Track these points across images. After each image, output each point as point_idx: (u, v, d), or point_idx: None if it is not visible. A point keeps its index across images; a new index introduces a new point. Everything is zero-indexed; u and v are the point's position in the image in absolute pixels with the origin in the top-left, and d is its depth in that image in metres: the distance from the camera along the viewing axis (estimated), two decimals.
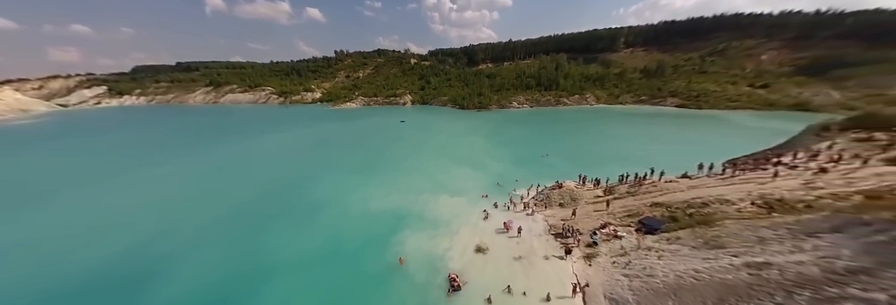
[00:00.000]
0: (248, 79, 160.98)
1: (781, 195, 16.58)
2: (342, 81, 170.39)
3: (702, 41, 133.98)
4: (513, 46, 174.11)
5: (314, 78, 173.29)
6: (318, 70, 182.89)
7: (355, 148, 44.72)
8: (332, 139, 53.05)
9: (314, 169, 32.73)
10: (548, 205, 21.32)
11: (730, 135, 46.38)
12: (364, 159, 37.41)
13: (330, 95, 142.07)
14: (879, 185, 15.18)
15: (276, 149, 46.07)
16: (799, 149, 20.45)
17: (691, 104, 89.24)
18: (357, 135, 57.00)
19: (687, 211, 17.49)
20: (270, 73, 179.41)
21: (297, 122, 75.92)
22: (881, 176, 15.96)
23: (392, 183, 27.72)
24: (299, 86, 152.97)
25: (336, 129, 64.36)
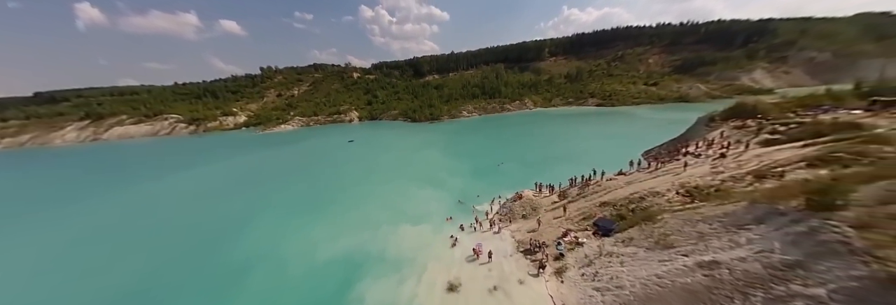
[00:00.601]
0: (145, 107, 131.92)
1: (696, 182, 18.80)
2: (273, 101, 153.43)
3: (606, 49, 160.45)
4: (456, 58, 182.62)
5: (236, 99, 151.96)
6: (241, 90, 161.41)
7: (293, 179, 38.33)
8: (264, 171, 44.94)
9: (240, 214, 26.65)
10: (512, 219, 20.89)
11: (641, 128, 54.57)
12: (305, 192, 32.11)
13: (258, 118, 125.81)
14: (760, 165, 18.34)
15: (185, 192, 36.60)
16: (697, 139, 24.19)
17: (607, 103, 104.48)
18: (295, 162, 49.90)
19: (630, 207, 18.66)
20: (176, 98, 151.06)
21: (216, 154, 63.86)
22: (759, 156, 19.39)
23: (342, 218, 24.11)
24: (216, 111, 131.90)
25: (268, 158, 55.42)
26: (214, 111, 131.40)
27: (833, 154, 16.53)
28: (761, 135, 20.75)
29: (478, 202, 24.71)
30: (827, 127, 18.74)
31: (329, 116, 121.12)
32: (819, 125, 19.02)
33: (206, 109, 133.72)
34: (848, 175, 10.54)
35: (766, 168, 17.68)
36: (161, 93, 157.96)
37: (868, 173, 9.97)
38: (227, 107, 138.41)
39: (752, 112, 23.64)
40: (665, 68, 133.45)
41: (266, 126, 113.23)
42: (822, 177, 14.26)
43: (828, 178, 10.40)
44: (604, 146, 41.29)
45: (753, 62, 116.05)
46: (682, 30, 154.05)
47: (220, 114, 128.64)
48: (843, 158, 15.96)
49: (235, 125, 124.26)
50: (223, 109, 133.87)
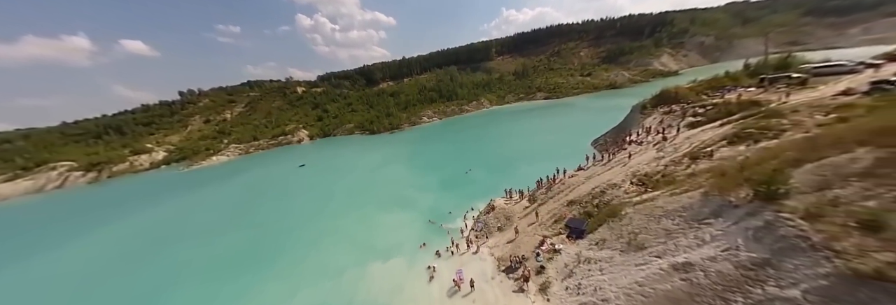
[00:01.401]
0: (22, 158, 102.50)
1: (645, 170, 19.79)
2: (200, 129, 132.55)
3: (544, 46, 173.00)
4: (408, 63, 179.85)
5: (151, 132, 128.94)
6: (156, 121, 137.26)
7: (227, 228, 30.93)
8: (188, 223, 35.34)
9: (160, 285, 21.01)
10: (489, 234, 19.88)
11: (585, 117, 58.79)
12: (244, 244, 26.18)
13: (182, 152, 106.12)
14: (692, 147, 19.99)
15: (85, 263, 27.19)
16: (636, 126, 26.03)
17: (552, 95, 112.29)
18: (230, 204, 40.29)
19: (594, 203, 18.92)
20: (66, 140, 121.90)
21: (121, 209, 48.52)
22: (689, 138, 21.23)
23: (295, 270, 20.33)
24: (124, 150, 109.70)
25: (193, 204, 44.07)
26: (121, 150, 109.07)
27: (745, 130, 18.62)
28: (686, 117, 22.87)
29: (451, 219, 23.32)
30: (735, 106, 21.23)
31: (273, 139, 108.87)
32: (729, 105, 21.49)
33: (109, 150, 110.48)
34: (770, 154, 11.36)
35: (697, 149, 19.31)
36: (44, 137, 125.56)
37: (784, 151, 10.82)
38: (139, 143, 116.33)
39: (675, 98, 26.32)
40: (595, 59, 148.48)
41: (193, 160, 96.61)
42: (743, 154, 15.70)
43: (756, 161, 11.04)
44: (558, 139, 43.18)
45: (660, 49, 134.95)
46: (602, 25, 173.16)
47: (130, 154, 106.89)
48: (753, 134, 18.06)
49: (152, 164, 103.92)
50: (133, 147, 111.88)
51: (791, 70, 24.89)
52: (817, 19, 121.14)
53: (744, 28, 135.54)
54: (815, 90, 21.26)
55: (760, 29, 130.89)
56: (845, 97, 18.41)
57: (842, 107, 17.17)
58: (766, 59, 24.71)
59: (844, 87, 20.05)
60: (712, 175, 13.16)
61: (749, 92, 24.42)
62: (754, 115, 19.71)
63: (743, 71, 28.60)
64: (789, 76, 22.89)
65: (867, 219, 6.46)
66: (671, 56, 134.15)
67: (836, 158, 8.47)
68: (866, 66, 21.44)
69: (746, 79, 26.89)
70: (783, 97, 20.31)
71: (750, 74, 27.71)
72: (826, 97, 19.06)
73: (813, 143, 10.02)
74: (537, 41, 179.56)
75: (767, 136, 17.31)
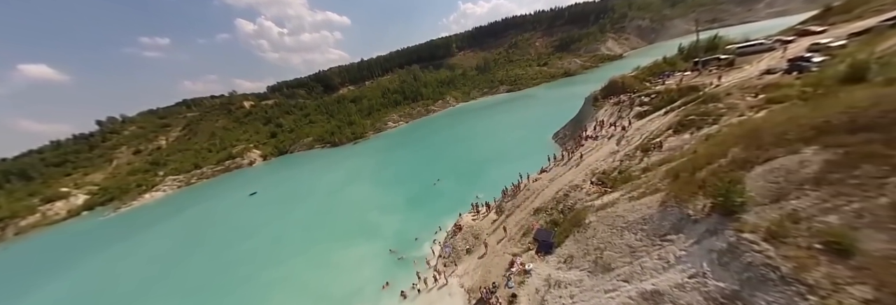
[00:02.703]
0: None
1: (603, 167, 19.36)
2: (129, 162, 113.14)
3: (502, 38, 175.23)
4: (368, 65, 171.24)
5: (66, 173, 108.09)
6: (71, 158, 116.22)
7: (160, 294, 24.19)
8: (105, 292, 27.23)
9: None
10: (457, 259, 18.27)
11: (545, 108, 59.56)
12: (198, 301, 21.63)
13: (108, 192, 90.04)
14: (642, 139, 19.92)
15: None
16: (590, 119, 25.90)
17: (514, 88, 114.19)
18: (157, 261, 32.00)
19: (559, 209, 18.11)
20: None
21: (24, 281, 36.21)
22: (639, 129, 21.20)
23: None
24: (32, 199, 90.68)
25: (104, 268, 34.07)
26: (29, 200, 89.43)
27: (687, 117, 18.77)
28: (634, 108, 22.96)
29: (417, 246, 21.37)
30: (676, 92, 21.54)
31: (219, 164, 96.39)
32: (670, 92, 21.79)
33: (13, 201, 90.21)
34: (717, 149, 10.83)
35: (647, 140, 19.23)
36: None
37: (729, 146, 10.32)
38: (52, 188, 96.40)
39: (622, 87, 26.59)
40: (549, 49, 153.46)
41: (123, 200, 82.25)
42: (688, 142, 15.51)
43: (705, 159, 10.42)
44: (524, 136, 42.81)
45: (605, 34, 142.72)
46: (553, 15, 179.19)
47: (41, 202, 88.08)
48: (694, 121, 18.22)
49: (71, 211, 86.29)
50: (44, 193, 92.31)
51: (719, 51, 26.09)
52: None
53: (673, 9, 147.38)
54: (741, 70, 22.23)
55: (686, 9, 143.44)
56: (769, 76, 19.21)
57: (768, 87, 17.78)
58: (697, 42, 25.72)
59: (766, 66, 21.09)
60: (666, 175, 12.54)
61: (686, 76, 25.16)
62: (694, 101, 19.99)
63: (678, 55, 29.91)
64: (718, 58, 23.84)
65: (833, 241, 5.63)
66: (615, 41, 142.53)
67: (785, 160, 7.81)
68: (781, 43, 22.88)
69: (682, 63, 27.94)
70: (715, 80, 20.87)
71: (684, 58, 28.88)
72: (752, 77, 19.83)
73: (757, 139, 9.47)
74: (495, 34, 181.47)
75: (708, 122, 17.46)
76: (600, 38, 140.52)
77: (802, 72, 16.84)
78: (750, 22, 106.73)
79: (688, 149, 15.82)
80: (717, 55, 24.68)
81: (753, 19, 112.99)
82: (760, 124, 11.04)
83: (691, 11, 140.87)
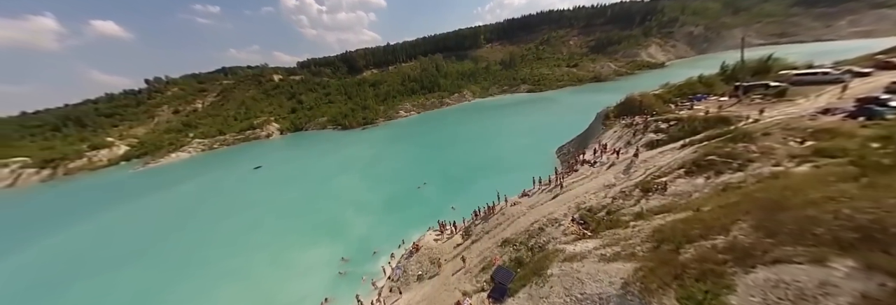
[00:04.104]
0: None
1: (590, 202, 16.77)
2: (168, 120, 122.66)
3: (534, 33, 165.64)
4: (394, 49, 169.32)
5: (114, 124, 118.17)
6: (120, 112, 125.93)
7: (130, 262, 25.43)
8: (94, 249, 29.72)
9: None
10: (404, 286, 16.77)
11: (562, 116, 54.93)
12: (147, 286, 21.65)
13: (145, 146, 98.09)
14: (646, 174, 16.93)
15: None
16: (594, 140, 22.77)
17: (536, 88, 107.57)
18: (154, 225, 34.88)
19: (529, 245, 16.02)
20: (23, 133, 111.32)
21: (41, 225, 41.60)
22: (646, 162, 18.14)
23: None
24: (82, 144, 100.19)
25: (115, 222, 37.96)
26: (79, 145, 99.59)
27: (707, 157, 15.56)
28: (647, 134, 19.69)
29: (372, 261, 20.08)
30: (701, 122, 18.06)
31: (240, 133, 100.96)
32: (693, 121, 18.32)
33: (66, 144, 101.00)
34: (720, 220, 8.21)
35: (651, 177, 16.33)
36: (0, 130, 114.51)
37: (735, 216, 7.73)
38: (99, 137, 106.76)
39: (640, 107, 23.00)
40: (583, 49, 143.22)
41: (154, 156, 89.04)
42: (700, 189, 12.58)
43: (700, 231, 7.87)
44: (530, 144, 39.81)
45: (649, 39, 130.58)
46: (593, 12, 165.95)
47: (89, 149, 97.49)
48: (715, 163, 15.01)
49: (111, 160, 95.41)
50: (92, 141, 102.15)
51: (770, 76, 21.69)
52: (806, 10, 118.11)
53: (734, 17, 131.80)
54: (793, 103, 18.22)
55: (750, 18, 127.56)
56: (826, 117, 15.38)
57: (821, 133, 14.17)
58: (743, 62, 21.36)
59: (826, 103, 17.04)
60: (651, 236, 10.04)
61: (722, 102, 21.25)
62: (721, 137, 16.62)
63: (718, 75, 25.37)
64: (766, 85, 19.72)
65: None
66: (659, 46, 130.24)
67: (801, 271, 5.28)
68: (853, 75, 18.39)
69: (721, 85, 23.67)
70: (755, 113, 17.17)
71: (726, 79, 24.49)
72: (804, 116, 16.01)
73: (776, 220, 6.81)
74: (528, 28, 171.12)
75: (731, 168, 14.31)
76: (642, 42, 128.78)
77: (872, 118, 13.10)
78: (827, 40, 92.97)
79: (694, 201, 13.01)
80: (766, 81, 20.44)
81: (831, 37, 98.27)
82: (790, 194, 8.19)
83: (756, 22, 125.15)
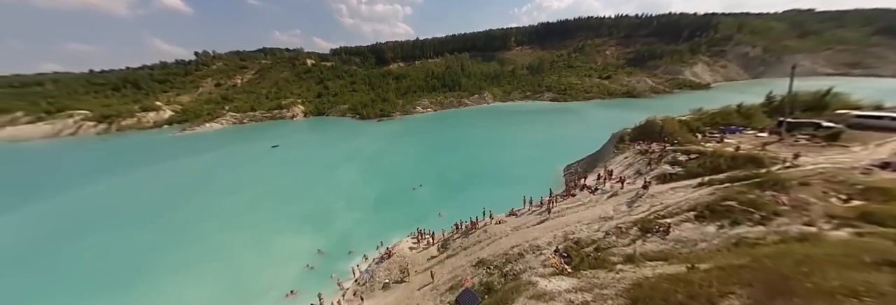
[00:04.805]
0: (46, 102, 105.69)
1: (582, 234, 15.26)
2: (210, 92, 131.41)
3: (569, 40, 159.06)
4: (422, 45, 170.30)
5: (164, 90, 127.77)
6: (171, 79, 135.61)
7: (136, 225, 27.41)
8: (114, 209, 31.86)
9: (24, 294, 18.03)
10: (368, 293, 16.19)
11: (583, 131, 51.53)
12: (144, 249, 23.07)
13: (186, 113, 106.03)
14: (650, 211, 15.12)
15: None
16: (602, 164, 20.85)
17: (561, 97, 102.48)
18: (171, 189, 37.45)
19: (504, 271, 14.88)
20: (89, 89, 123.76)
21: (94, 171, 47.50)
22: (654, 197, 16.23)
23: (149, 302, 17.18)
24: (134, 105, 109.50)
25: (142, 183, 40.98)
26: (132, 106, 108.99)
27: (725, 202, 13.56)
28: (661, 165, 17.64)
29: (345, 260, 19.76)
30: (727, 159, 15.82)
31: (268, 111, 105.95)
32: (719, 157, 16.08)
33: (122, 103, 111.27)
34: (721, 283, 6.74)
35: (655, 215, 14.54)
36: (71, 84, 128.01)
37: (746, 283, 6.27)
38: (149, 100, 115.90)
39: (660, 133, 20.71)
40: (620, 60, 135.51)
41: (192, 123, 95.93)
42: (710, 239, 10.83)
43: None
44: (533, 157, 37.98)
45: (696, 56, 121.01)
46: (637, 22, 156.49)
47: (139, 110, 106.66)
48: (733, 210, 13.00)
49: (156, 122, 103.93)
50: (143, 103, 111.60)
51: (825, 114, 18.69)
52: (890, 40, 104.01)
53: (800, 41, 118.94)
54: (846, 151, 15.52)
55: (819, 43, 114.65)
56: (885, 173, 12.86)
57: (873, 192, 11.84)
58: (791, 93, 18.35)
59: (888, 155, 14.30)
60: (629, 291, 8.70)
61: (759, 138, 18.67)
62: (747, 180, 14.49)
63: (762, 106, 22.28)
64: (818, 125, 16.95)
65: None
66: (707, 65, 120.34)
67: None
68: None
69: (762, 118, 20.78)
70: (796, 157, 14.76)
71: (770, 111, 21.50)
72: (857, 168, 13.49)
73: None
74: (563, 33, 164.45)
75: (752, 218, 12.43)
76: (688, 59, 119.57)
77: None
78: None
79: (696, 253, 11.38)
80: (818, 120, 17.58)
81: None
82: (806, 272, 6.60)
83: (826, 48, 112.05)
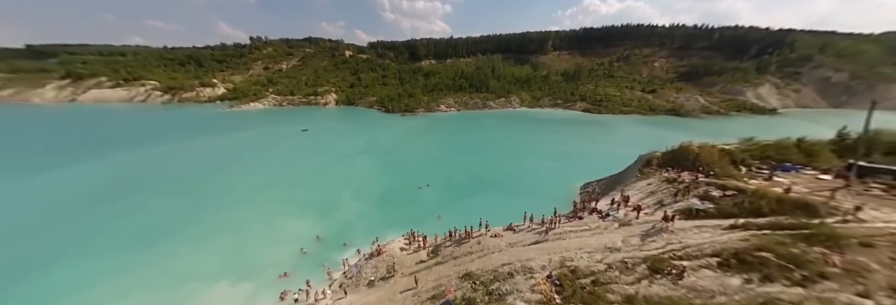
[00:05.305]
0: (125, 71, 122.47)
1: (581, 262, 14.07)
2: (259, 74, 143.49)
3: (613, 47, 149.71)
4: (455, 43, 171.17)
5: (221, 69, 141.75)
6: (228, 59, 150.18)
7: (174, 192, 30.18)
8: (162, 173, 35.75)
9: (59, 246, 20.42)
10: (355, 286, 16.33)
11: (609, 146, 48.32)
12: (162, 215, 25.23)
13: (236, 92, 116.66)
14: (665, 249, 13.48)
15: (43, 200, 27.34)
16: (620, 188, 19.05)
17: (594, 109, 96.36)
18: (207, 162, 40.91)
19: (489, 288, 14.23)
20: (158, 63, 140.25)
21: (151, 136, 54.56)
22: (673, 233, 14.46)
23: (160, 264, 18.84)
24: (195, 81, 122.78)
25: (192, 151, 46.09)
26: (193, 81, 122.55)
27: (759, 252, 11.68)
28: (689, 198, 15.66)
29: (338, 251, 20.14)
30: (771, 203, 13.61)
31: (305, 97, 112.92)
32: (762, 197, 13.87)
33: (185, 78, 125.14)
34: None
35: (670, 255, 12.95)
36: (147, 57, 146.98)
37: None
38: (207, 77, 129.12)
39: (693, 162, 18.34)
40: (669, 74, 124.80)
41: (239, 102, 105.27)
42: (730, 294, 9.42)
43: None
44: (550, 170, 36.05)
45: (763, 76, 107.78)
46: (695, 33, 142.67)
47: (198, 85, 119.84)
48: (768, 263, 11.14)
49: (210, 98, 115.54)
50: (202, 79, 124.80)
51: None
52: None
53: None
54: None
55: None
56: None
57: None
58: (866, 131, 15.18)
59: None
60: None
61: (819, 181, 15.97)
62: (792, 229, 12.43)
63: (830, 143, 18.83)
64: None
65: None
66: (775, 88, 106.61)
67: None
68: None
69: (830, 156, 17.64)
70: (858, 211, 12.34)
71: (840, 150, 18.20)
72: None
73: None
74: (607, 40, 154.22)
75: (790, 277, 10.70)
76: (753, 78, 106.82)
77: None
78: None
79: None
80: None
81: None
82: None
83: None
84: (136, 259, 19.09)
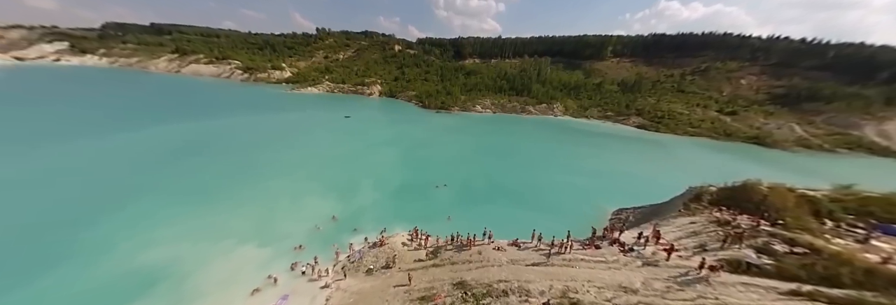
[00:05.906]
0: (217, 50, 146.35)
1: (587, 297, 12.75)
2: (319, 62, 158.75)
3: (688, 58, 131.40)
4: (502, 43, 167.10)
5: (290, 55, 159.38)
6: (296, 47, 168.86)
7: (231, 158, 35.04)
8: (227, 140, 42.38)
9: (134, 191, 24.78)
10: (354, 270, 17.07)
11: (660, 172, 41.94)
12: (217, 177, 29.39)
13: (299, 76, 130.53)
14: (694, 302, 11.46)
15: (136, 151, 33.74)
16: (655, 221, 16.62)
17: (651, 126, 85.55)
18: (266, 135, 47.72)
19: (480, 303, 13.73)
20: (243, 45, 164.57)
21: (226, 108, 65.23)
22: (710, 286, 12.16)
23: (206, 218, 22.03)
24: (268, 63, 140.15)
25: (253, 125, 53.65)
26: (267, 63, 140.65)
27: None
28: (742, 247, 13.05)
29: (347, 234, 21.14)
30: (857, 272, 10.67)
31: (354, 86, 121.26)
32: (844, 264, 10.92)
33: (261, 60, 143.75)
34: None
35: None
36: (234, 40, 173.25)
37: None
38: (278, 61, 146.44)
39: (755, 204, 15.03)
40: (759, 94, 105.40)
41: (300, 85, 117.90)
42: None
43: None
44: (585, 188, 32.52)
45: (893, 108, 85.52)
46: (801, 48, 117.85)
47: (270, 67, 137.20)
48: None
49: (278, 80, 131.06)
50: (274, 63, 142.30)
51: None
52: None
53: None
54: None
55: None
56: None
57: None
58: None
59: None
60: None
61: None
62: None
63: None
64: None
65: None
66: None
67: None
68: None
69: None
70: None
71: None
72: None
73: None
74: (681, 49, 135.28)
75: None
76: (877, 110, 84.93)
77: None
78: None
79: None
80: None
81: None
82: None
83: None
84: (188, 211, 22.71)
